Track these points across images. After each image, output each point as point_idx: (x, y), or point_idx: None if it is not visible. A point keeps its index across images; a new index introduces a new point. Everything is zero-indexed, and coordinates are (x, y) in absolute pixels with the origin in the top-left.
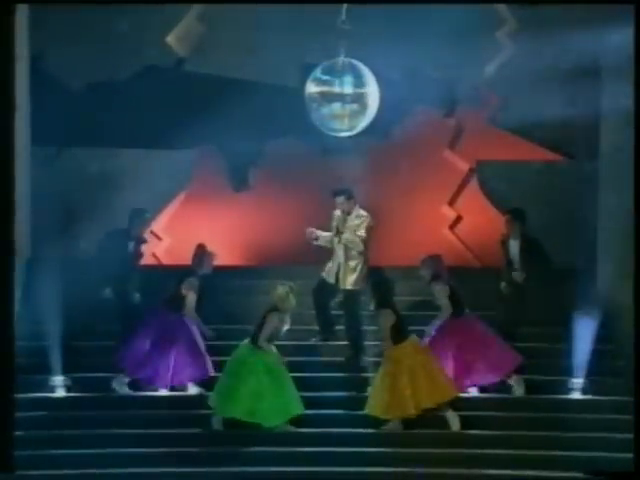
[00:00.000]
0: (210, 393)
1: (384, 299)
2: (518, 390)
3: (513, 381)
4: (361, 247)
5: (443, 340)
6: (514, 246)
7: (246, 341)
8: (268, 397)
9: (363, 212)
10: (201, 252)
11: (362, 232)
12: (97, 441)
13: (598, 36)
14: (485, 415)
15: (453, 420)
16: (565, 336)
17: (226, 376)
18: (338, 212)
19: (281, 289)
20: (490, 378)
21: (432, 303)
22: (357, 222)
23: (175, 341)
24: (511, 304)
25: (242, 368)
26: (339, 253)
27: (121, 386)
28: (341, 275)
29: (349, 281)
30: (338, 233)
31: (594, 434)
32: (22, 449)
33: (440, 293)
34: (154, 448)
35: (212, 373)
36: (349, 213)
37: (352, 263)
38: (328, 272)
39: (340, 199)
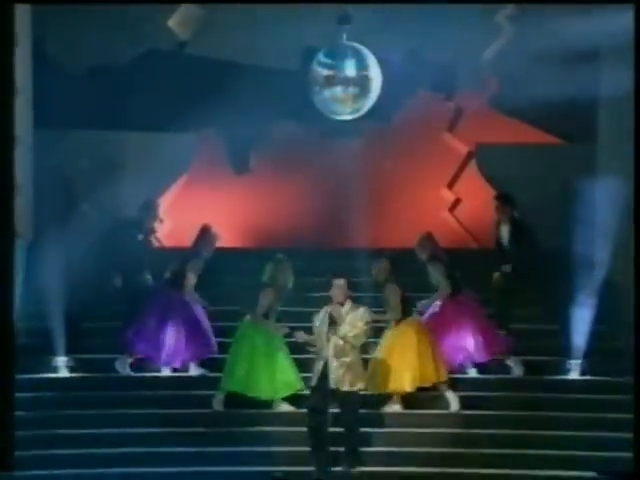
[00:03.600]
0: (215, 375)
1: (390, 277)
2: (516, 371)
3: (512, 362)
4: (362, 341)
5: (441, 318)
6: (505, 231)
7: (247, 317)
8: (264, 371)
9: (357, 305)
10: (206, 232)
11: (362, 325)
12: (99, 421)
13: (597, 19)
14: (484, 395)
15: (452, 401)
16: (562, 317)
17: (229, 353)
18: (333, 306)
19: (271, 265)
20: (480, 357)
21: (431, 284)
22: (353, 314)
23: (177, 320)
24: (506, 289)
25: (241, 343)
26: (329, 351)
27: (124, 367)
28: (333, 375)
29: (344, 381)
30: (332, 326)
31: (591, 414)
32: (26, 429)
33: (437, 272)
34: (156, 428)
35: (215, 352)
36: (342, 304)
37: (346, 360)
38: (317, 379)
39: (340, 282)
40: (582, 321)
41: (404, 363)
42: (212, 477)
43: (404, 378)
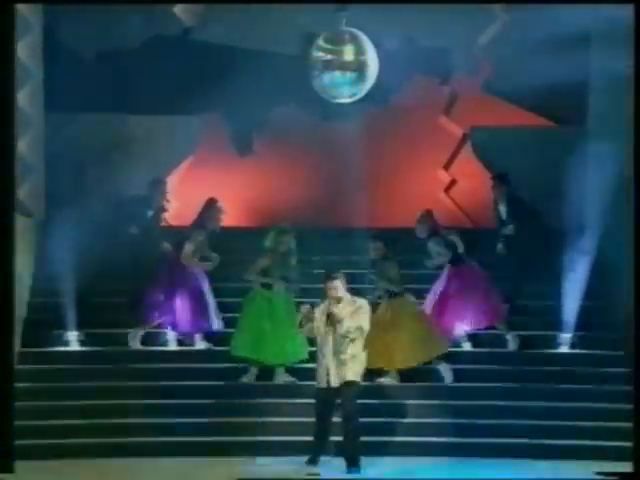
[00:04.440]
0: (220, 348)
1: (389, 253)
2: (512, 344)
3: (510, 336)
4: (363, 332)
5: (445, 288)
6: (503, 211)
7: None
8: (269, 337)
9: (355, 298)
10: (210, 206)
11: (365, 323)
12: (109, 393)
13: (587, 6)
14: (479, 368)
15: (446, 373)
16: (557, 293)
17: (237, 321)
18: (331, 305)
19: (274, 232)
20: (478, 324)
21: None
22: (351, 309)
23: (181, 290)
24: (506, 263)
25: (247, 309)
26: (329, 346)
27: (134, 340)
28: (332, 371)
29: (343, 375)
30: (330, 323)
31: (584, 386)
32: (39, 400)
33: (438, 247)
34: (162, 400)
35: (216, 328)
36: (339, 301)
37: (345, 355)
38: (320, 376)
39: (336, 283)
40: (573, 297)
41: (397, 342)
42: (216, 446)
43: (396, 357)
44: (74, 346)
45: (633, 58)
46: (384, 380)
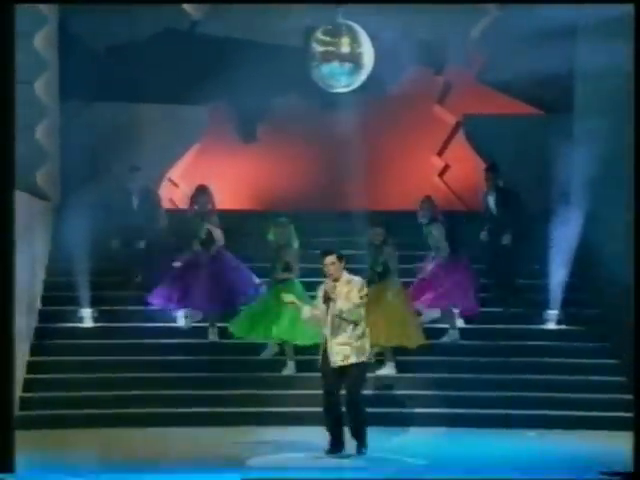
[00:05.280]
0: (224, 324)
1: (388, 237)
2: (449, 337)
3: (452, 330)
4: (358, 314)
5: (438, 273)
6: (491, 200)
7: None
8: (277, 315)
9: (354, 277)
10: (201, 191)
11: (356, 299)
12: (120, 366)
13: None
14: (470, 344)
15: (387, 370)
16: (541, 273)
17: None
18: (327, 283)
19: (273, 227)
20: (440, 304)
21: (424, 244)
22: (347, 289)
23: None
24: (491, 250)
25: (260, 298)
26: (328, 327)
27: (213, 335)
28: (332, 352)
29: (344, 357)
30: (327, 301)
31: (567, 360)
32: (55, 373)
33: (438, 233)
34: (170, 373)
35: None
36: (337, 279)
37: (344, 336)
38: (321, 357)
39: (330, 259)
40: (559, 276)
41: (383, 319)
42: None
43: (380, 334)
44: (88, 322)
45: (633, 57)
46: (382, 371)
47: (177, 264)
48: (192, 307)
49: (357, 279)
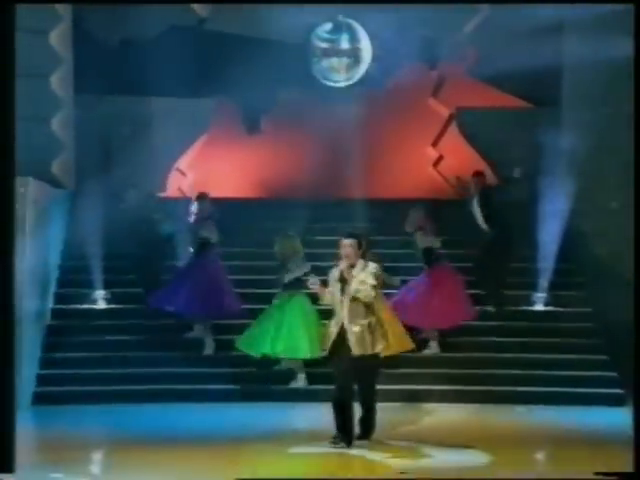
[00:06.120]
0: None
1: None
2: (431, 349)
3: (433, 343)
4: (370, 298)
5: (417, 288)
6: (475, 204)
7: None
8: (280, 332)
9: (369, 262)
10: (201, 199)
11: (371, 280)
12: (132, 346)
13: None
14: (465, 325)
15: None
16: (531, 258)
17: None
18: (341, 264)
19: (280, 239)
20: (444, 324)
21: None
22: (363, 275)
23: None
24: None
25: (269, 308)
26: (344, 314)
27: (210, 349)
28: (351, 338)
29: (363, 344)
30: (343, 282)
31: (556, 339)
32: (70, 352)
33: (422, 244)
34: (179, 352)
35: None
36: (353, 266)
37: (363, 322)
38: (332, 344)
39: (350, 241)
40: (547, 260)
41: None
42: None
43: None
44: (101, 304)
45: (633, 58)
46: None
47: (182, 264)
48: (185, 310)
49: (373, 264)
